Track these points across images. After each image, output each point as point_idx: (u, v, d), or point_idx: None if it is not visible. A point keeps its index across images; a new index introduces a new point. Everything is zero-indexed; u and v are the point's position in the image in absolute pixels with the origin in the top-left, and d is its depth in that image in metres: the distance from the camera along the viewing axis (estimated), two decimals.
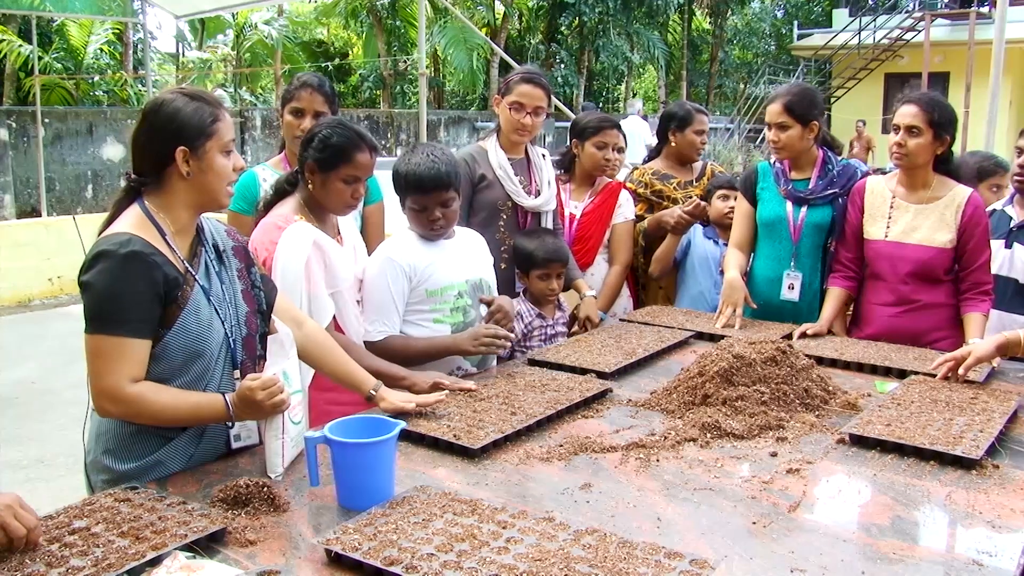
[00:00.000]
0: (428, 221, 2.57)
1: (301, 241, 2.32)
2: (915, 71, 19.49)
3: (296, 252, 2.30)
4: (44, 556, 1.46)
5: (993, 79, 4.32)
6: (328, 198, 2.41)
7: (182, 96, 1.90)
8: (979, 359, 2.43)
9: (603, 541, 1.49)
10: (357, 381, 2.18)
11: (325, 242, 2.38)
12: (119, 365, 1.78)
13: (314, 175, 2.39)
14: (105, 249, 1.79)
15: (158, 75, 19.49)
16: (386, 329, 2.54)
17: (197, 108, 1.88)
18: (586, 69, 23.75)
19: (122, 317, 1.78)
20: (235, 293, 2.01)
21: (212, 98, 1.94)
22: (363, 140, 2.39)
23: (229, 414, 1.84)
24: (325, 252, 2.37)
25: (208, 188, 1.91)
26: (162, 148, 1.87)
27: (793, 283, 3.18)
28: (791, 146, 3.12)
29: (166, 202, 1.90)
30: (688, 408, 2.23)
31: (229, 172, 1.93)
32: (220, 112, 1.92)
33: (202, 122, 1.88)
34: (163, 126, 1.87)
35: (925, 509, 1.70)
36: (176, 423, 1.89)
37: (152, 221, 1.87)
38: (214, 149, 1.89)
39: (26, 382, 5.88)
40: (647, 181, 3.73)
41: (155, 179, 1.90)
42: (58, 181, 11.99)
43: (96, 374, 1.79)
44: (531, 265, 3.09)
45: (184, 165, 1.87)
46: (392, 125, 16.91)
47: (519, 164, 3.23)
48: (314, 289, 2.34)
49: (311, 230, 2.36)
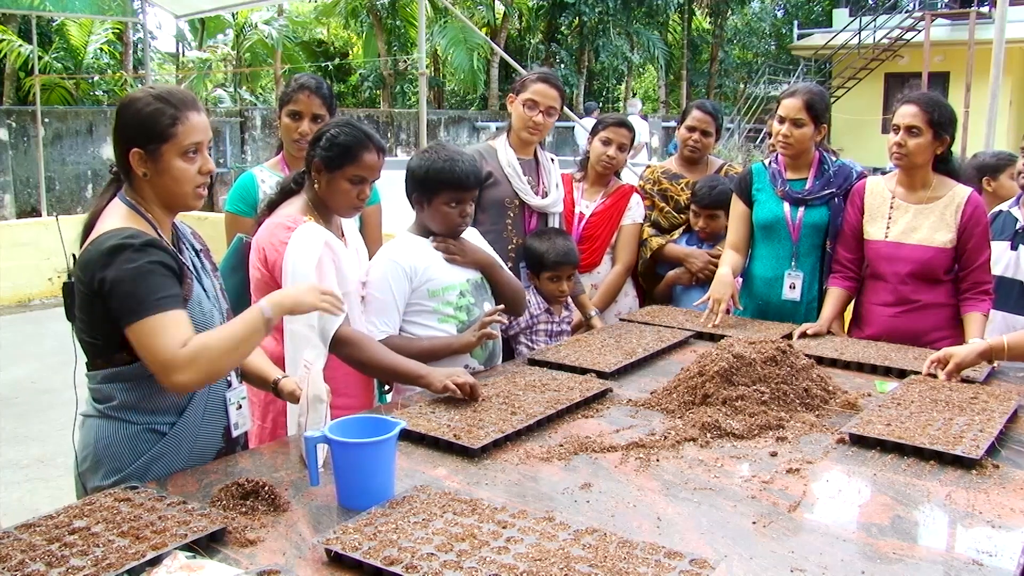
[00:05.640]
0: (459, 218, 2.60)
1: (313, 241, 2.29)
2: (915, 71, 19.48)
3: (308, 253, 2.27)
4: (44, 556, 1.45)
5: (993, 79, 4.32)
6: (334, 198, 2.38)
7: (148, 96, 1.86)
8: (959, 366, 2.43)
9: (603, 541, 1.49)
10: (264, 374, 2.14)
11: (335, 243, 2.37)
12: (170, 337, 1.76)
13: (320, 174, 2.36)
14: (119, 243, 1.78)
15: (158, 75, 19.49)
16: (387, 329, 2.54)
17: (156, 110, 1.83)
18: (586, 69, 23.76)
19: (159, 296, 1.78)
20: (217, 291, 2.04)
21: (179, 98, 1.87)
22: (371, 140, 2.36)
23: (264, 317, 1.85)
24: (336, 253, 2.36)
25: (166, 191, 1.89)
26: (122, 148, 1.86)
27: (795, 283, 3.18)
28: (801, 144, 3.12)
29: (140, 198, 1.90)
30: (688, 408, 2.23)
31: (190, 176, 1.88)
32: (183, 114, 1.85)
33: (157, 125, 1.83)
34: (123, 126, 1.86)
35: (925, 509, 1.70)
36: (242, 350, 1.87)
37: (139, 212, 1.88)
38: (170, 152, 1.84)
39: (26, 382, 5.88)
40: (655, 179, 3.73)
41: (128, 178, 1.90)
42: (58, 181, 12.00)
43: (152, 355, 1.77)
44: (541, 267, 3.12)
45: (140, 166, 1.85)
46: (392, 125, 16.92)
47: (528, 164, 3.24)
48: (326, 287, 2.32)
49: (322, 231, 2.33)
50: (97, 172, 12.30)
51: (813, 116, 3.08)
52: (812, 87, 3.20)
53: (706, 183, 3.49)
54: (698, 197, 3.49)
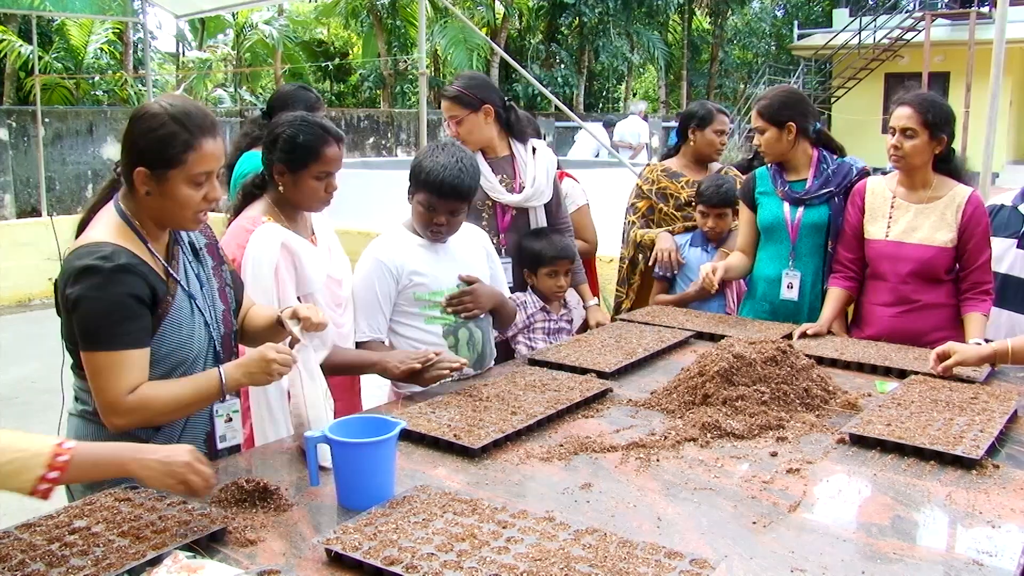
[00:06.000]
0: (432, 224, 2.55)
1: (269, 243, 2.27)
2: (915, 71, 19.48)
3: (265, 255, 2.26)
4: (44, 556, 1.45)
5: (993, 79, 4.31)
6: (301, 197, 2.37)
7: (165, 114, 1.78)
8: (959, 362, 2.44)
9: (603, 541, 1.49)
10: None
11: (295, 243, 2.33)
12: (119, 379, 1.76)
13: (284, 176, 2.34)
14: (91, 264, 1.74)
15: (158, 75, 19.49)
16: (372, 333, 2.52)
17: (172, 133, 1.77)
18: (586, 69, 23.76)
19: (118, 331, 1.75)
20: (213, 292, 2.01)
21: (196, 123, 1.80)
22: (329, 134, 2.35)
23: (222, 387, 1.84)
24: (295, 254, 2.33)
25: (167, 213, 1.84)
26: (127, 160, 1.82)
27: (792, 282, 3.18)
28: (771, 148, 3.16)
29: (136, 208, 1.86)
30: (688, 408, 2.23)
31: (195, 202, 1.82)
32: (197, 140, 1.78)
33: (169, 149, 1.77)
34: (134, 139, 1.80)
35: (925, 509, 1.70)
36: (186, 412, 1.89)
37: (130, 225, 1.84)
38: (177, 178, 1.79)
39: (26, 382, 5.88)
40: (654, 178, 3.72)
41: (129, 184, 1.86)
42: (58, 181, 12.00)
43: (99, 391, 1.77)
44: (539, 263, 3.11)
45: (143, 185, 1.80)
46: (392, 125, 16.91)
47: (500, 162, 3.17)
48: (282, 291, 2.29)
49: (279, 232, 2.31)
50: (97, 172, 12.30)
51: (769, 119, 3.10)
52: (769, 91, 3.23)
53: (712, 183, 3.49)
54: (705, 197, 3.49)
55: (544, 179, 3.20)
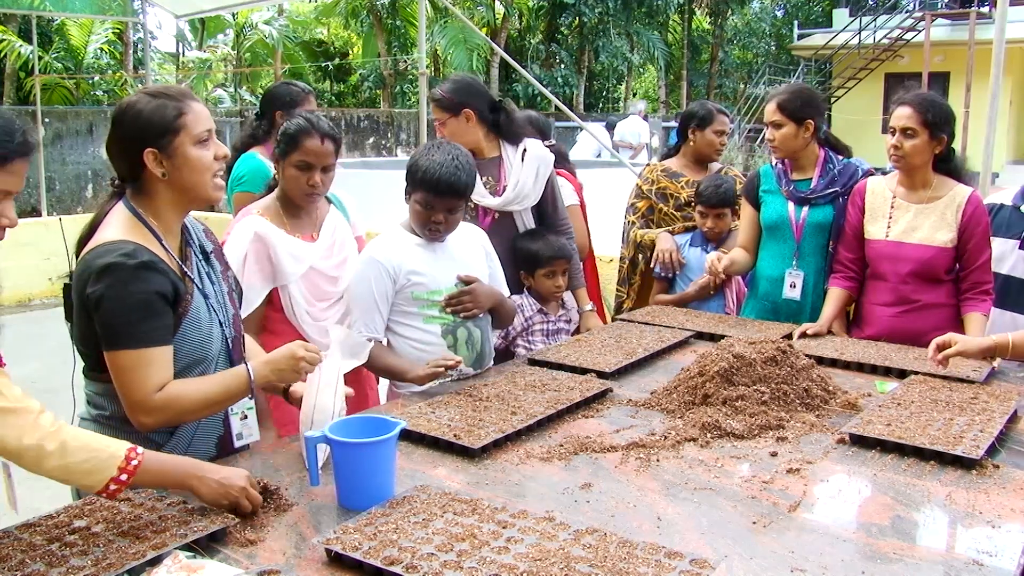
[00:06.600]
0: (430, 222, 2.55)
1: (242, 233, 2.47)
2: (915, 71, 19.47)
3: (237, 244, 2.46)
4: (44, 556, 1.45)
5: (993, 79, 4.31)
6: (288, 186, 2.53)
7: (145, 96, 1.82)
8: (960, 353, 2.41)
9: (603, 541, 1.49)
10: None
11: (272, 236, 2.46)
12: (147, 377, 1.75)
13: (277, 165, 2.53)
14: (114, 262, 1.73)
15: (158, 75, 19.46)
16: (368, 333, 2.52)
17: (159, 105, 1.79)
18: (586, 69, 23.76)
19: (142, 328, 1.75)
20: (223, 295, 2.00)
21: (176, 92, 1.85)
22: (314, 127, 2.46)
23: (250, 384, 1.85)
24: (270, 245, 2.46)
25: (189, 184, 1.84)
26: (132, 153, 1.81)
27: (795, 282, 3.17)
28: (786, 144, 3.13)
29: (151, 205, 1.85)
30: (688, 408, 2.23)
31: (209, 162, 1.84)
32: (186, 104, 1.82)
33: (165, 119, 1.79)
34: (128, 130, 1.81)
35: (925, 509, 1.70)
36: (213, 410, 1.90)
37: (144, 223, 1.83)
38: (185, 143, 1.80)
39: (27, 382, 5.83)
40: (654, 178, 3.72)
41: (136, 184, 1.85)
42: (58, 181, 12.00)
43: (125, 390, 1.76)
44: (536, 264, 3.10)
45: (157, 167, 1.80)
46: (392, 125, 16.92)
47: (487, 164, 3.12)
48: (248, 279, 2.45)
49: (255, 223, 2.48)
50: (97, 172, 12.31)
51: (789, 115, 3.08)
52: (787, 87, 3.20)
53: (711, 183, 3.49)
54: (704, 197, 3.48)
55: (530, 182, 3.12)
